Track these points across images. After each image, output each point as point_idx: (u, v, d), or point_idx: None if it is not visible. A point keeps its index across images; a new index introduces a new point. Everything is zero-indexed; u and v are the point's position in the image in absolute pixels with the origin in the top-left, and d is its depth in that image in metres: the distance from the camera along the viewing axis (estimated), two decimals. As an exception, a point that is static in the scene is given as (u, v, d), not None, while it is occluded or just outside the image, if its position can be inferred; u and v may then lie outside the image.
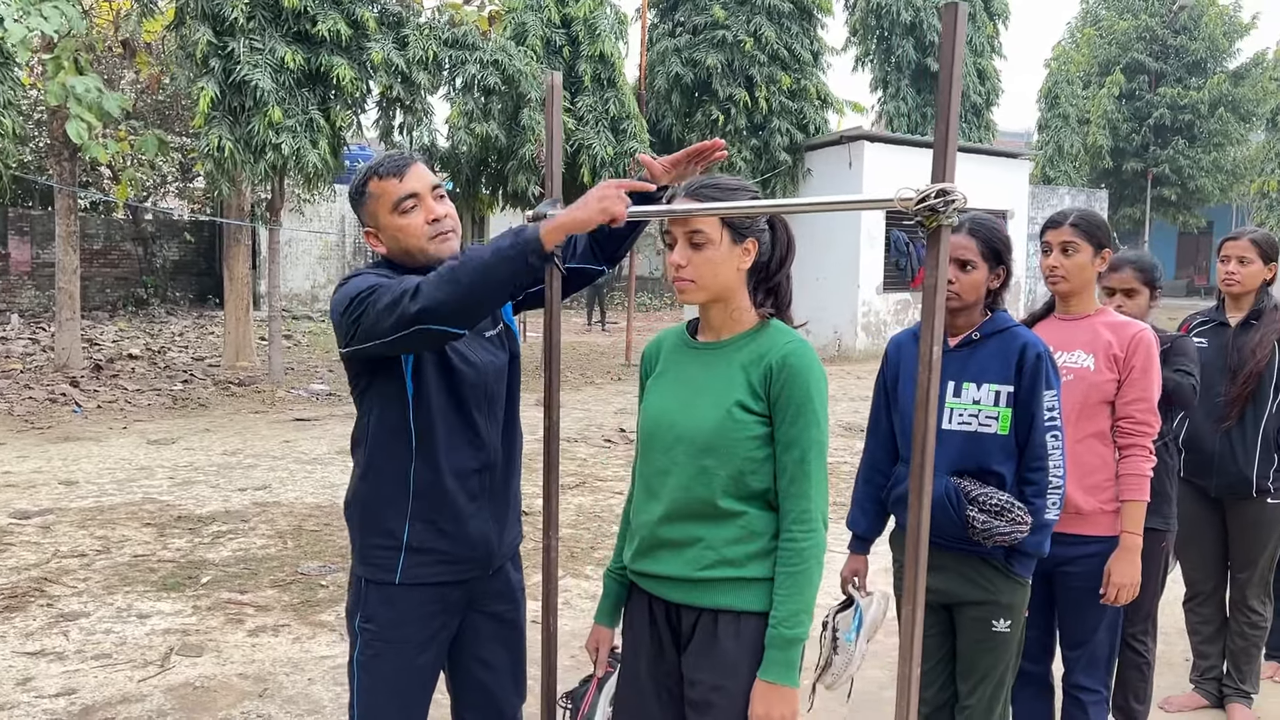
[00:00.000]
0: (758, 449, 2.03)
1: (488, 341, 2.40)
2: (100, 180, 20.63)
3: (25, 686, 3.97)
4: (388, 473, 2.32)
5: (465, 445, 2.32)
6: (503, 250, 1.98)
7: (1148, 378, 2.93)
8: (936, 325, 1.57)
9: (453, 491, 2.31)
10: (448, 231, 2.29)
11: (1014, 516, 2.53)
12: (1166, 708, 3.99)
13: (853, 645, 2.68)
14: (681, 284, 2.07)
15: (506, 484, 2.46)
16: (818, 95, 17.55)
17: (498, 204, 14.91)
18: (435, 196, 2.30)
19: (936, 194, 1.53)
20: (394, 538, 2.30)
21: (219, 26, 10.84)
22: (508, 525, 2.47)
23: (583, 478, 7.89)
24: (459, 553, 2.34)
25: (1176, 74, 28.74)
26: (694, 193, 2.09)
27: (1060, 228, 3.02)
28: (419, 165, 2.31)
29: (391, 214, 2.27)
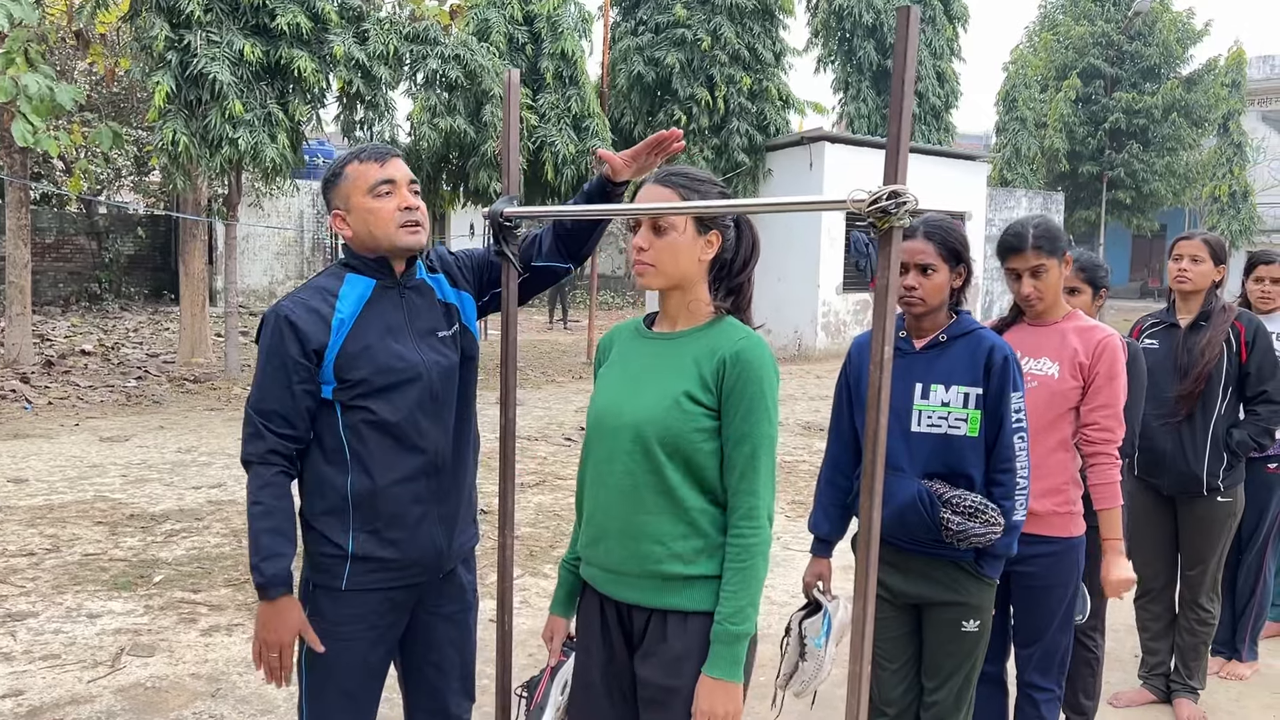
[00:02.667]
0: (704, 441, 2.03)
1: (438, 341, 2.38)
2: (53, 173, 20.25)
3: (-29, 688, 3.90)
4: (326, 485, 2.31)
5: (406, 451, 2.31)
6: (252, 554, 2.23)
7: (1112, 385, 2.95)
8: (888, 326, 1.59)
9: (395, 499, 2.30)
10: (417, 224, 2.30)
11: (988, 518, 2.55)
12: (1115, 703, 4.06)
13: (822, 651, 2.69)
14: (641, 267, 2.08)
15: (457, 487, 2.43)
16: (779, 96, 17.61)
17: (459, 200, 14.82)
18: (411, 189, 2.32)
19: (888, 195, 1.54)
20: (339, 547, 2.31)
21: (175, 19, 10.69)
22: (459, 529, 2.45)
23: (543, 476, 7.88)
24: (406, 559, 2.34)
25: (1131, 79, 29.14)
26: (662, 180, 2.10)
27: (1023, 254, 2.97)
28: (400, 159, 2.34)
29: (366, 195, 2.28)
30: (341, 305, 2.29)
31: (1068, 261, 3.05)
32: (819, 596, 2.80)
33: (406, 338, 2.33)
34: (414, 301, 2.39)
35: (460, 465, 2.45)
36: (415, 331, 2.35)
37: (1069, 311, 3.09)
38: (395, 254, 2.33)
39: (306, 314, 2.26)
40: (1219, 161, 29.57)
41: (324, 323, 2.27)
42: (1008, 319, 3.17)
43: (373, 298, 2.33)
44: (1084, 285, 3.45)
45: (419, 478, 2.33)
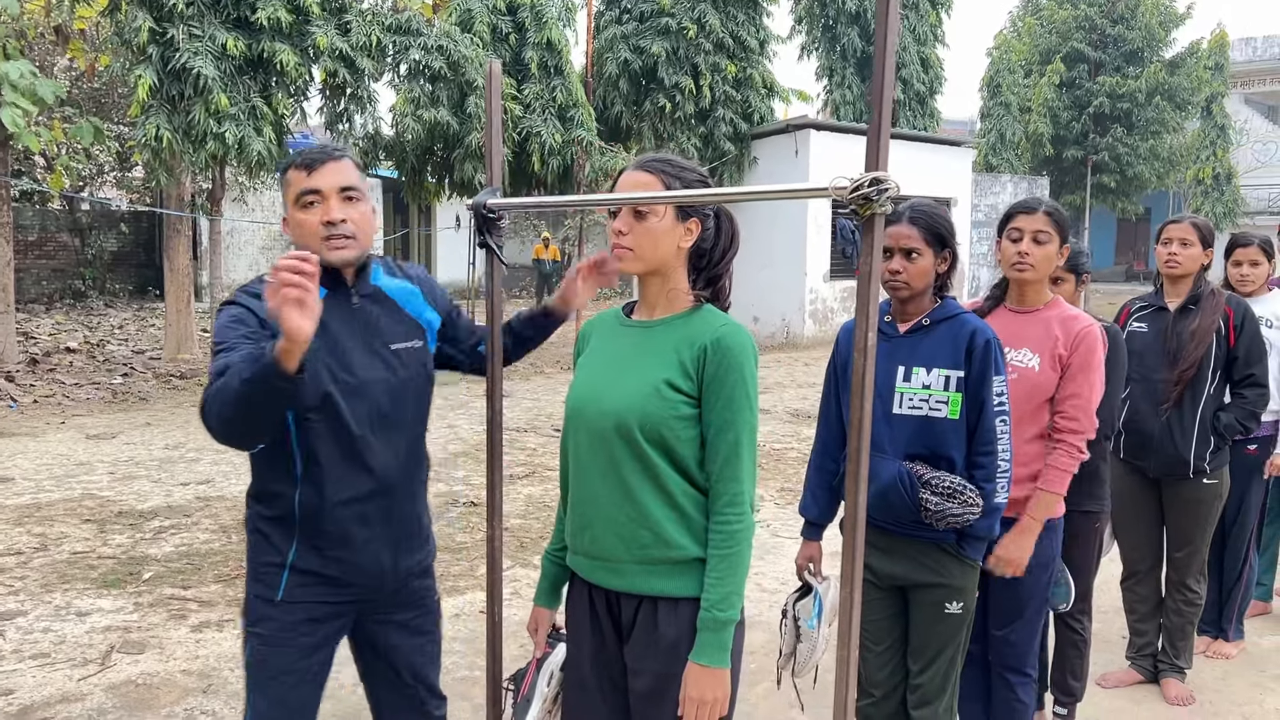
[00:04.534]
0: (684, 429, 2.04)
1: (391, 355, 2.30)
2: (34, 169, 20.11)
3: (-40, 688, 3.89)
4: (274, 497, 2.26)
5: (355, 470, 2.23)
6: (248, 379, 1.90)
7: (1086, 377, 2.96)
8: (871, 312, 1.59)
9: (342, 519, 2.24)
10: (341, 237, 2.18)
11: (966, 499, 2.58)
12: (1103, 684, 4.09)
13: (816, 631, 2.72)
14: (620, 251, 2.09)
15: (407, 507, 2.36)
16: (763, 84, 17.61)
17: (444, 192, 14.77)
18: (343, 198, 2.19)
19: (870, 182, 1.54)
20: (280, 556, 2.26)
21: (158, 13, 10.62)
22: (405, 550, 2.38)
23: (532, 467, 7.88)
24: (347, 579, 2.29)
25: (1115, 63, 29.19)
26: (645, 165, 2.10)
27: (1034, 214, 3.01)
28: (338, 163, 2.21)
29: (293, 207, 2.20)
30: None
31: (1064, 253, 3.07)
32: (809, 579, 2.83)
33: (356, 350, 2.24)
34: (368, 311, 2.29)
35: (410, 487, 2.37)
36: (366, 345, 2.26)
37: (1052, 299, 3.10)
38: (329, 266, 2.20)
39: (259, 304, 2.16)
40: (1202, 144, 29.70)
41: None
42: (987, 306, 3.18)
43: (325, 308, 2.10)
44: (1067, 274, 3.46)
45: (368, 499, 2.26)
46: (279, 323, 1.81)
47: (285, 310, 1.80)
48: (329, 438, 2.19)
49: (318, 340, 2.02)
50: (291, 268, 1.82)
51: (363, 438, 2.22)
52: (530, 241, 26.76)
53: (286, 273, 1.81)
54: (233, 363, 1.99)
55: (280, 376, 1.86)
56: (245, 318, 2.16)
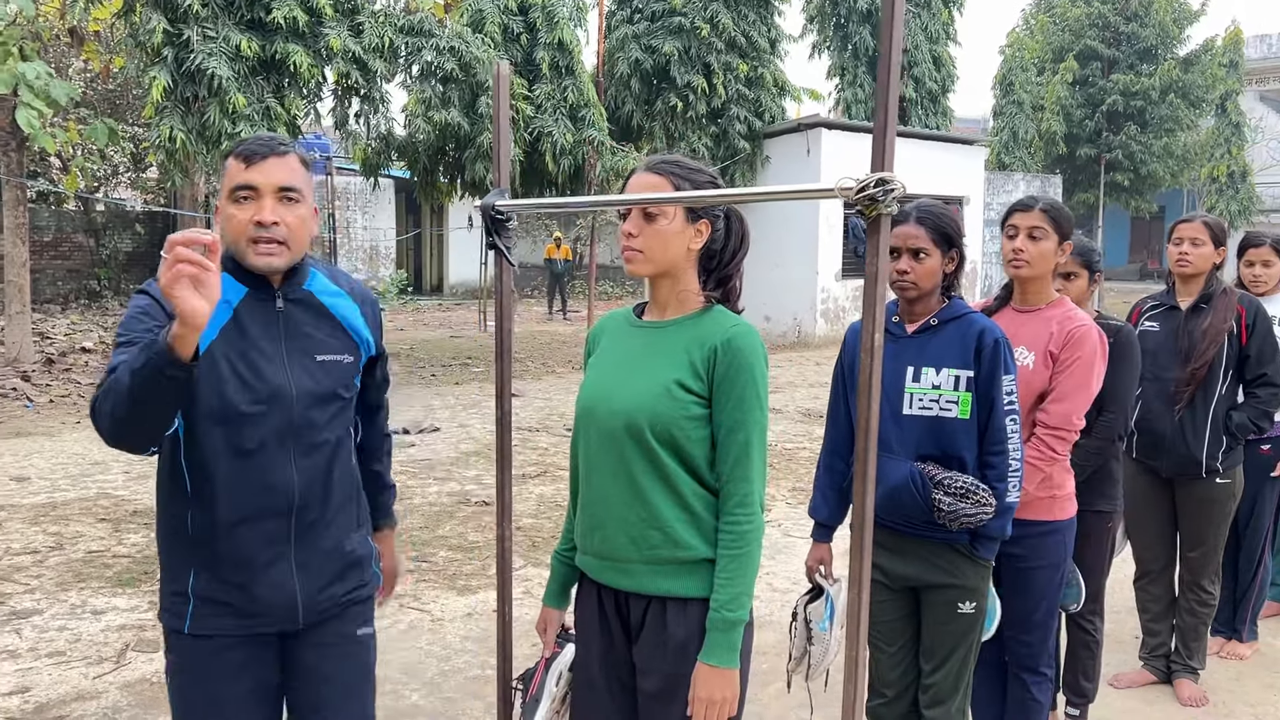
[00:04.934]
0: (695, 429, 2.04)
1: (315, 365, 2.11)
2: (49, 171, 20.25)
3: (-23, 686, 3.92)
4: (169, 517, 2.10)
5: (253, 487, 2.04)
6: (138, 369, 1.73)
7: (1071, 375, 2.93)
8: (878, 313, 1.59)
9: (239, 540, 2.04)
10: (270, 242, 2.00)
11: (979, 498, 2.57)
12: (1116, 684, 4.08)
13: (828, 634, 2.72)
14: (630, 254, 2.09)
15: (325, 529, 2.15)
16: (775, 83, 17.60)
17: (455, 192, 14.81)
18: (280, 198, 2.01)
19: (875, 183, 1.55)
20: (182, 583, 2.08)
21: (172, 14, 10.68)
22: (325, 578, 2.16)
23: (544, 467, 7.89)
24: (250, 608, 2.08)
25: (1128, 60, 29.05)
26: (654, 167, 2.11)
27: (1030, 211, 3.03)
28: (281, 160, 2.03)
29: (226, 199, 2.03)
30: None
31: (1066, 249, 3.06)
32: (821, 581, 2.83)
33: (275, 357, 2.06)
34: (294, 316, 2.11)
35: (328, 509, 2.15)
36: (290, 351, 2.08)
37: (1056, 299, 3.09)
38: (252, 270, 2.04)
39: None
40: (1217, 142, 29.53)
41: None
42: (994, 305, 3.18)
43: (240, 307, 2.04)
44: (1080, 269, 3.44)
45: (268, 517, 2.06)
46: (172, 303, 1.67)
47: (177, 288, 1.66)
48: (224, 449, 2.01)
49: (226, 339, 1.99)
50: (187, 240, 1.67)
51: (263, 451, 2.03)
52: (542, 241, 26.80)
53: (182, 247, 1.67)
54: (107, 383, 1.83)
55: (172, 364, 1.71)
56: (152, 309, 1.99)
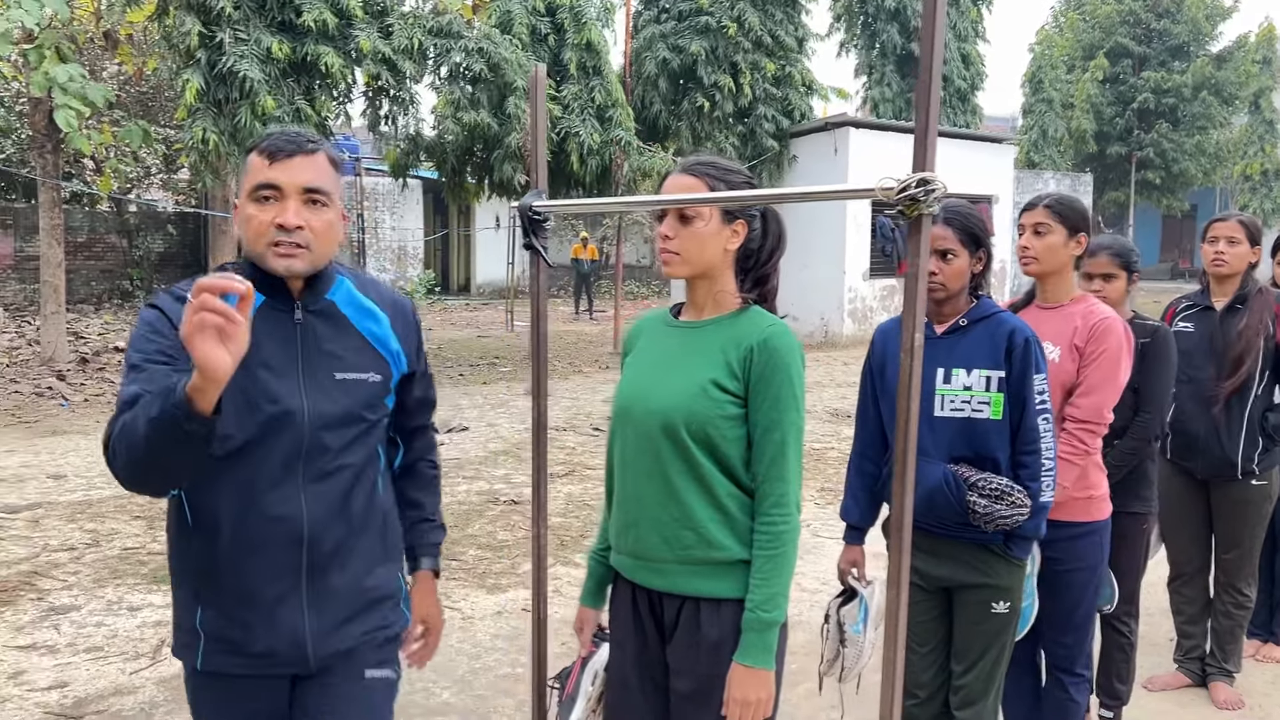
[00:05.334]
0: (730, 429, 2.04)
1: (335, 385, 1.92)
2: (83, 172, 20.51)
3: (17, 680, 3.98)
4: (176, 549, 1.96)
5: (260, 516, 1.86)
6: (154, 418, 1.59)
7: (1098, 369, 2.92)
8: (918, 313, 1.59)
9: (245, 575, 1.88)
10: (291, 245, 1.82)
11: (1014, 499, 2.56)
12: (1150, 687, 4.04)
13: (862, 636, 2.71)
14: (667, 256, 2.09)
15: (342, 565, 1.96)
16: (802, 82, 17.57)
17: (483, 193, 14.88)
18: (304, 201, 1.83)
19: (917, 183, 1.54)
20: (191, 620, 1.93)
21: (206, 17, 10.80)
22: (340, 617, 1.96)
23: (571, 466, 7.91)
24: (256, 648, 1.91)
25: (1160, 57, 28.81)
26: (689, 169, 2.11)
27: (1034, 210, 3.06)
28: (309, 159, 1.86)
29: (246, 198, 1.86)
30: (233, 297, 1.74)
31: (1080, 242, 3.04)
32: (854, 583, 2.82)
33: (289, 374, 1.88)
34: (315, 329, 1.93)
35: (347, 542, 1.96)
36: (306, 367, 1.90)
37: (1079, 295, 3.08)
38: (272, 274, 1.87)
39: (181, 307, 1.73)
40: (1250, 139, 29.21)
41: None
42: (1020, 302, 3.18)
43: (255, 319, 1.75)
44: (1119, 270, 3.42)
45: (275, 550, 1.88)
46: (191, 354, 1.51)
47: (199, 341, 1.50)
48: (226, 475, 1.84)
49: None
50: (216, 288, 1.51)
51: (269, 477, 1.86)
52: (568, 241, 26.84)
53: (208, 294, 1.50)
54: (144, 393, 1.68)
55: (191, 418, 1.56)
56: (161, 325, 1.83)
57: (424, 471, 2.26)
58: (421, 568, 2.23)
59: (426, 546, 2.24)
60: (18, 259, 20.61)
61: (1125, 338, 2.97)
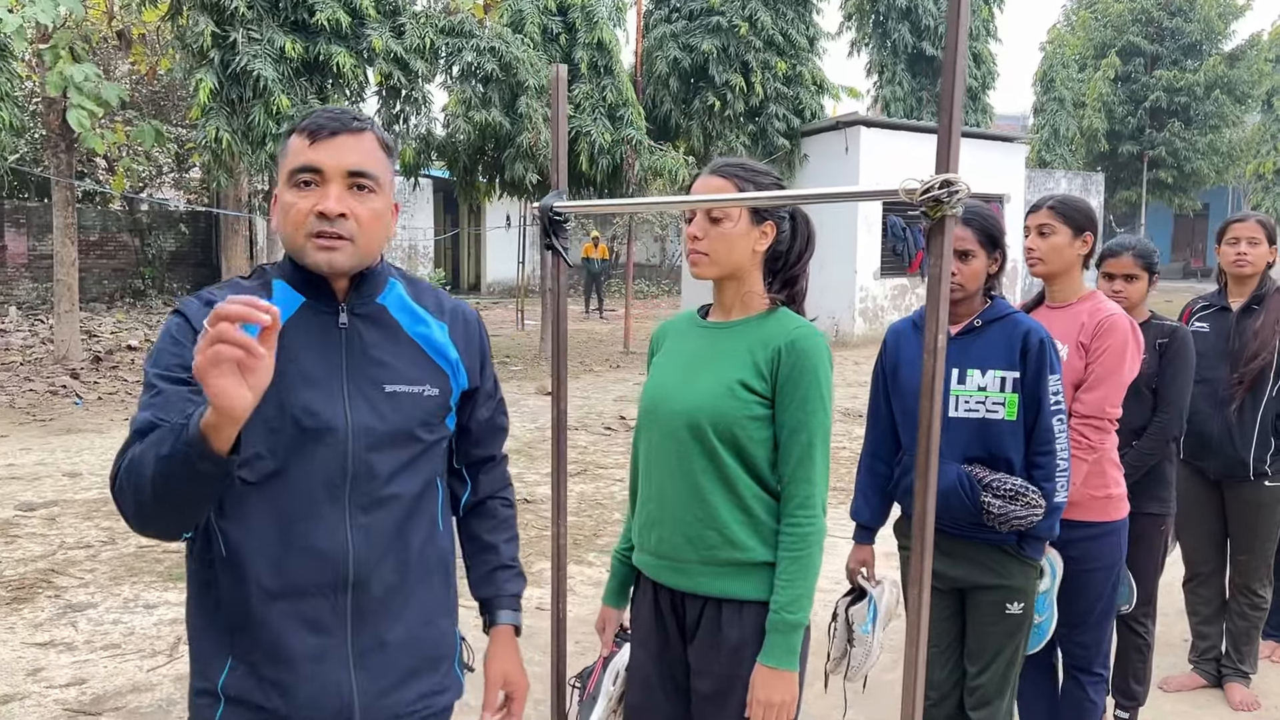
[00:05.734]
0: (757, 429, 2.04)
1: (384, 398, 1.67)
2: (95, 171, 20.59)
3: (36, 677, 4.01)
4: (199, 590, 1.67)
5: (295, 551, 1.61)
6: (165, 458, 1.40)
7: (1102, 363, 2.91)
8: (941, 314, 1.59)
9: (279, 622, 1.61)
10: (333, 237, 1.60)
11: (1029, 500, 2.56)
12: (1165, 687, 4.03)
13: (870, 636, 2.71)
14: (695, 256, 2.10)
15: (396, 613, 1.70)
16: (813, 81, 17.56)
17: (495, 192, 14.90)
18: (348, 186, 1.62)
19: (941, 184, 1.54)
20: (211, 680, 1.65)
21: (219, 17, 10.85)
22: (392, 677, 1.70)
23: (584, 465, 7.92)
24: (288, 712, 1.63)
25: (1172, 56, 28.68)
26: (719, 170, 2.11)
27: (1039, 211, 3.06)
28: (355, 138, 1.64)
29: (285, 183, 1.64)
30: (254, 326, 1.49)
31: (1086, 242, 3.04)
32: (863, 583, 2.82)
33: (331, 384, 1.64)
34: (361, 335, 1.69)
35: (401, 585, 1.70)
36: (350, 377, 1.66)
37: (1087, 293, 3.08)
38: (312, 270, 1.64)
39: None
40: (1263, 138, 29.06)
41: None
42: (1030, 303, 3.19)
43: (294, 323, 1.64)
44: (1141, 271, 3.42)
45: (316, 594, 1.62)
46: (204, 389, 1.31)
47: (214, 376, 1.29)
48: (261, 502, 1.60)
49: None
50: (238, 315, 1.28)
51: (309, 506, 1.61)
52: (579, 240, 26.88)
53: (226, 324, 1.28)
54: (157, 421, 1.50)
55: (205, 458, 1.36)
56: (184, 336, 1.60)
57: (498, 510, 1.98)
58: (500, 622, 1.92)
59: (506, 598, 1.94)
60: (31, 258, 20.71)
61: (1133, 334, 2.96)
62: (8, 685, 3.92)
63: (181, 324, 1.63)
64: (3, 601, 4.81)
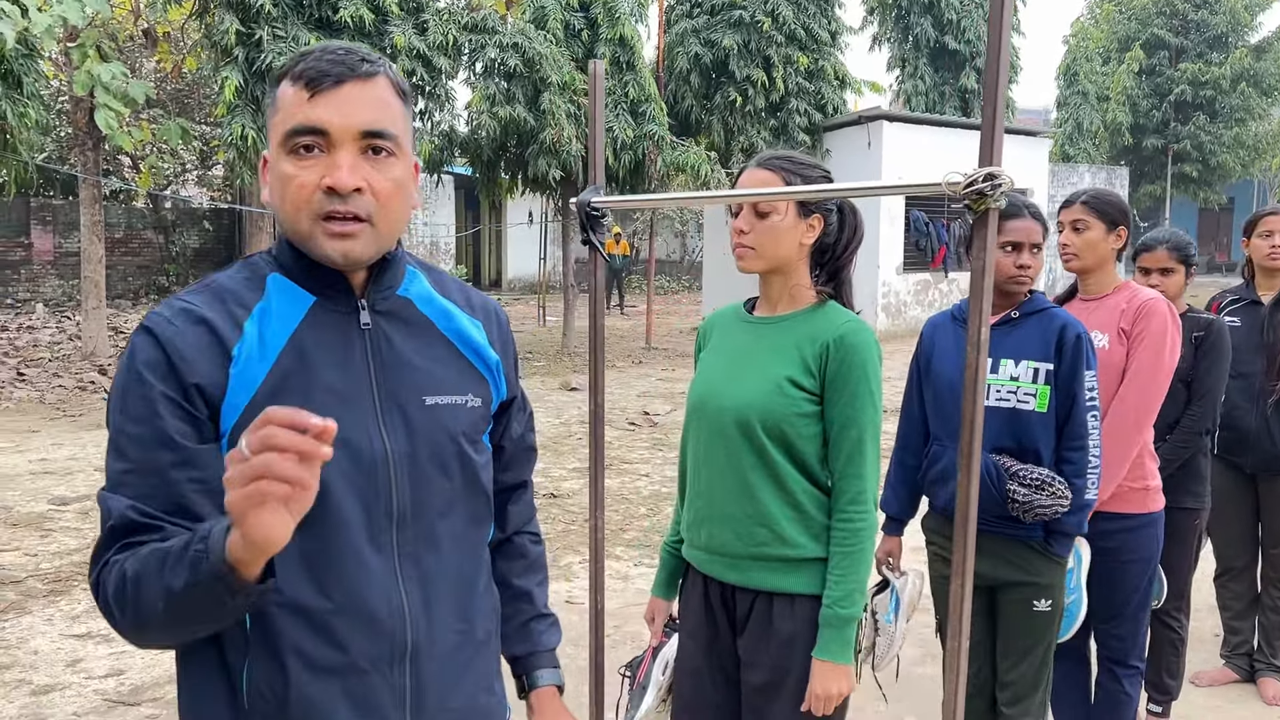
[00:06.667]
0: (806, 425, 2.04)
1: (421, 413, 1.36)
2: (120, 169, 20.76)
3: (75, 668, 4.06)
4: (209, 674, 1.29)
5: (346, 610, 1.28)
6: (181, 591, 1.11)
7: (1141, 349, 2.90)
8: (985, 307, 1.59)
9: (320, 703, 1.28)
10: (348, 219, 1.26)
11: (1054, 490, 2.55)
12: (1198, 682, 4.02)
13: (893, 626, 2.72)
14: (742, 250, 2.09)
15: (455, 683, 1.39)
16: (835, 75, 17.51)
17: (517, 188, 14.94)
18: (362, 149, 1.27)
19: (984, 178, 1.55)
20: None
21: (245, 14, 10.93)
22: None
23: (609, 460, 7.94)
24: None
25: (1197, 49, 28.45)
26: (765, 163, 2.11)
27: (1072, 206, 3.05)
28: (367, 86, 1.27)
29: (278, 148, 1.28)
30: (253, 330, 1.29)
31: (1120, 236, 3.03)
32: (887, 573, 2.84)
33: (360, 401, 1.31)
34: (388, 337, 1.37)
35: (464, 646, 1.41)
36: (383, 390, 1.33)
37: (1121, 283, 3.07)
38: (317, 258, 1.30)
39: (190, 328, 1.27)
40: (1290, 131, 28.78)
41: (219, 352, 1.27)
42: (1062, 297, 3.18)
43: (306, 327, 1.32)
44: (1178, 265, 3.41)
45: (368, 667, 1.30)
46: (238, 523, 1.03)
47: (254, 515, 1.01)
48: (305, 559, 1.26)
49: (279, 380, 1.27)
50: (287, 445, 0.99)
51: (350, 556, 1.28)
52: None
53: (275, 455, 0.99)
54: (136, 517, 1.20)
55: (236, 593, 1.10)
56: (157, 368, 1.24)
57: (527, 548, 1.67)
58: (542, 684, 1.61)
59: (546, 655, 1.63)
60: (57, 255, 20.90)
61: (1172, 319, 2.95)
62: (48, 676, 3.97)
63: (153, 352, 1.25)
64: (40, 594, 4.87)
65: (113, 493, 1.22)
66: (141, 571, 1.15)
